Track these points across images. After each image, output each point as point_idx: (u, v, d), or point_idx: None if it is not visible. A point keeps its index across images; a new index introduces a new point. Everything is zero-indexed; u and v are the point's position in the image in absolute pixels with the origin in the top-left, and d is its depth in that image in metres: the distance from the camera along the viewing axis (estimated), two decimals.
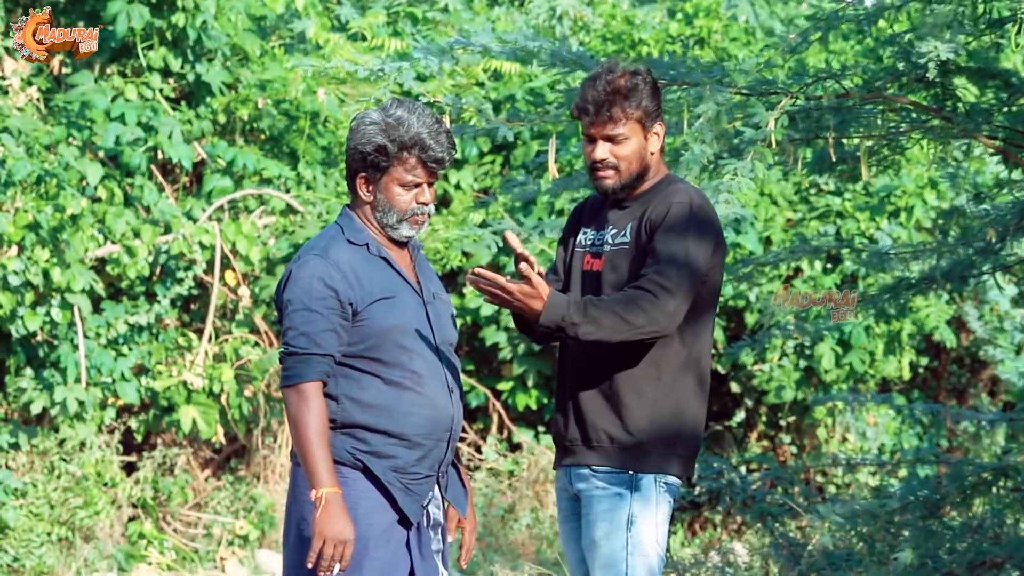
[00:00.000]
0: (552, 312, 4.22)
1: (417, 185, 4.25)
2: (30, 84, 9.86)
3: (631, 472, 4.35)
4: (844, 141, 6.44)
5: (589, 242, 4.52)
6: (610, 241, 4.46)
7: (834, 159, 6.00)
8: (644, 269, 4.29)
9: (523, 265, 4.19)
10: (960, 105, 6.14)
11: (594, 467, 4.40)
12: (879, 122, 6.12)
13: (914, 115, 6.17)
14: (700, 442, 4.46)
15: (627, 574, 4.34)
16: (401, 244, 4.33)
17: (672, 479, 4.38)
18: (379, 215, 4.27)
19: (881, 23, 6.12)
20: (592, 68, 5.85)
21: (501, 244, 10.75)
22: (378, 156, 4.21)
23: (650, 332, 4.25)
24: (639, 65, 4.48)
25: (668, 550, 4.48)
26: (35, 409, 9.36)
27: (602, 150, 4.43)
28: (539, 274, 4.26)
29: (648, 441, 4.34)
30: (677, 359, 4.37)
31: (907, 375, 11.16)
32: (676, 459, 4.38)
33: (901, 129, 6.14)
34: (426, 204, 4.27)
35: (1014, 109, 6.43)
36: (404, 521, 4.22)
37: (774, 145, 5.41)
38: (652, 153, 4.46)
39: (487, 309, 10.61)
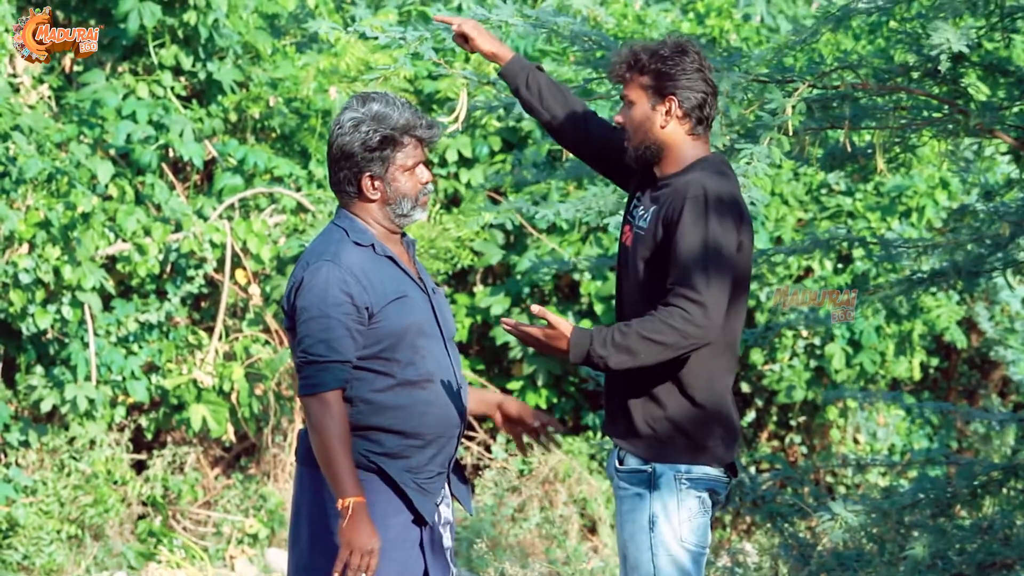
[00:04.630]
0: (578, 350, 4.10)
1: (415, 166, 4.25)
2: (41, 82, 9.87)
3: (651, 463, 4.27)
4: (856, 138, 6.41)
5: (630, 212, 4.41)
6: (639, 223, 4.33)
7: (848, 149, 5.94)
8: (669, 281, 4.14)
9: (535, 308, 4.07)
10: (972, 104, 6.12)
11: (619, 462, 4.34)
12: (891, 121, 6.10)
13: (926, 113, 6.15)
14: (736, 425, 4.32)
15: (654, 575, 4.28)
16: (400, 236, 4.33)
17: (697, 471, 4.27)
18: (391, 208, 4.26)
19: (892, 24, 6.09)
20: (612, 48, 5.80)
21: (512, 241, 10.77)
22: (384, 147, 4.20)
23: (689, 346, 4.10)
24: (689, 43, 4.27)
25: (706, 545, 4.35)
26: (45, 407, 9.37)
27: (619, 112, 4.34)
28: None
29: (680, 425, 4.24)
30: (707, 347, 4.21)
31: (917, 376, 11.14)
32: (709, 443, 4.27)
33: (914, 124, 6.11)
34: (428, 183, 4.28)
35: None
36: (418, 520, 4.22)
37: (790, 132, 5.34)
38: (662, 127, 4.29)
39: (497, 308, 10.61)
